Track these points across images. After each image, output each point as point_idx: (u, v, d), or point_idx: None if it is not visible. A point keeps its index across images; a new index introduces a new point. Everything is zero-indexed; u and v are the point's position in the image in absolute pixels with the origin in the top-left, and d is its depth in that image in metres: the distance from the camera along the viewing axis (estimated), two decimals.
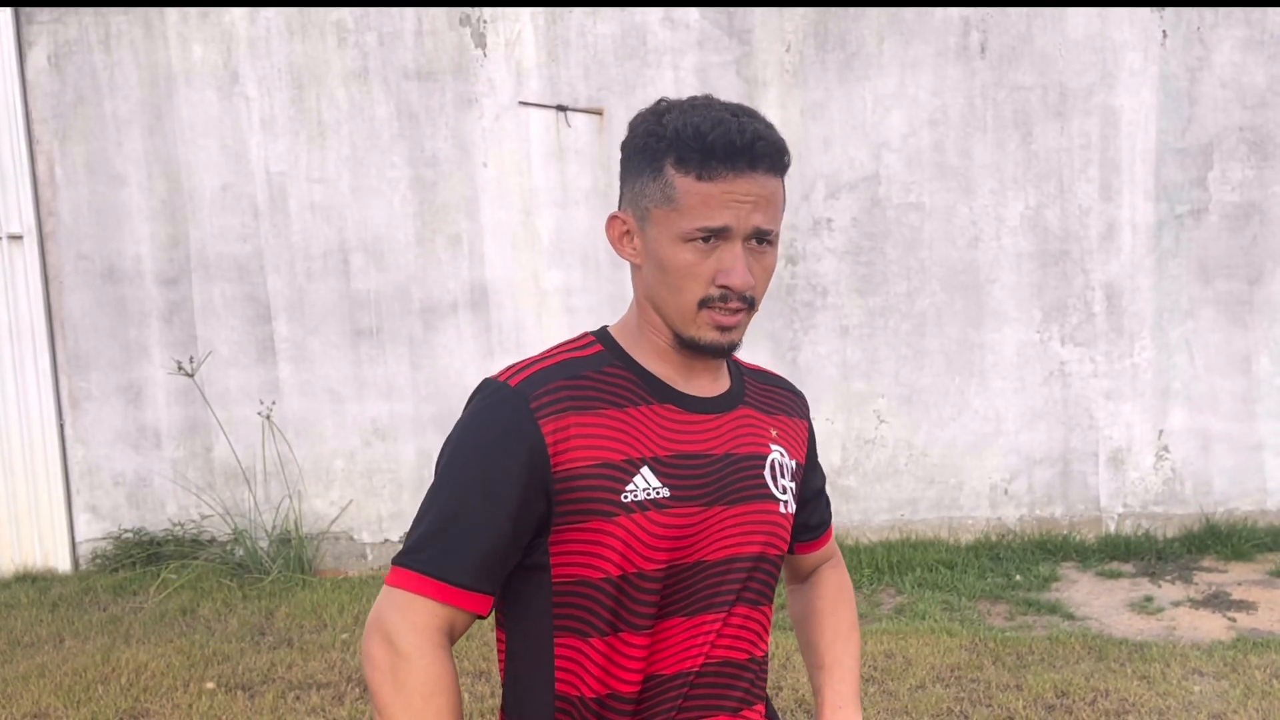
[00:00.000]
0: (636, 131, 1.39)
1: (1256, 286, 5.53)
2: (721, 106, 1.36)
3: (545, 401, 1.36)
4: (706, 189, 1.32)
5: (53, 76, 5.93)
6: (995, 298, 5.65)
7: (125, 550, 6.01)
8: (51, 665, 4.59)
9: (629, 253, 1.42)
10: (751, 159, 1.33)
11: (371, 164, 5.84)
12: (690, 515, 1.39)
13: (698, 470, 1.41)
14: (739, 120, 1.34)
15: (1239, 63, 5.41)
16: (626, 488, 1.36)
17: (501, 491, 1.33)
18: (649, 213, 1.37)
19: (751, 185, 1.33)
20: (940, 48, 5.54)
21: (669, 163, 1.34)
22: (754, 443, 1.49)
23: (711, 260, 1.35)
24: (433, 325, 5.90)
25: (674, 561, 1.40)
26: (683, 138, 1.33)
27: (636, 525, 1.36)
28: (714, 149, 1.32)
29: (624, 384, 1.42)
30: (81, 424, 6.13)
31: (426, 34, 5.75)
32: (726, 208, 1.33)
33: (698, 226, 1.33)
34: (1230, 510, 5.64)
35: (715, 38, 5.63)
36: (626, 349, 1.45)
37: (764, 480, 1.47)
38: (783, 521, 1.49)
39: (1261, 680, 3.97)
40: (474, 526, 1.34)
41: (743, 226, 1.34)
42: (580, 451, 1.35)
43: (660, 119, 1.37)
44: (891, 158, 5.62)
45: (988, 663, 4.20)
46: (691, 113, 1.35)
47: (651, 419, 1.41)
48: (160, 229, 5.98)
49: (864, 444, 5.79)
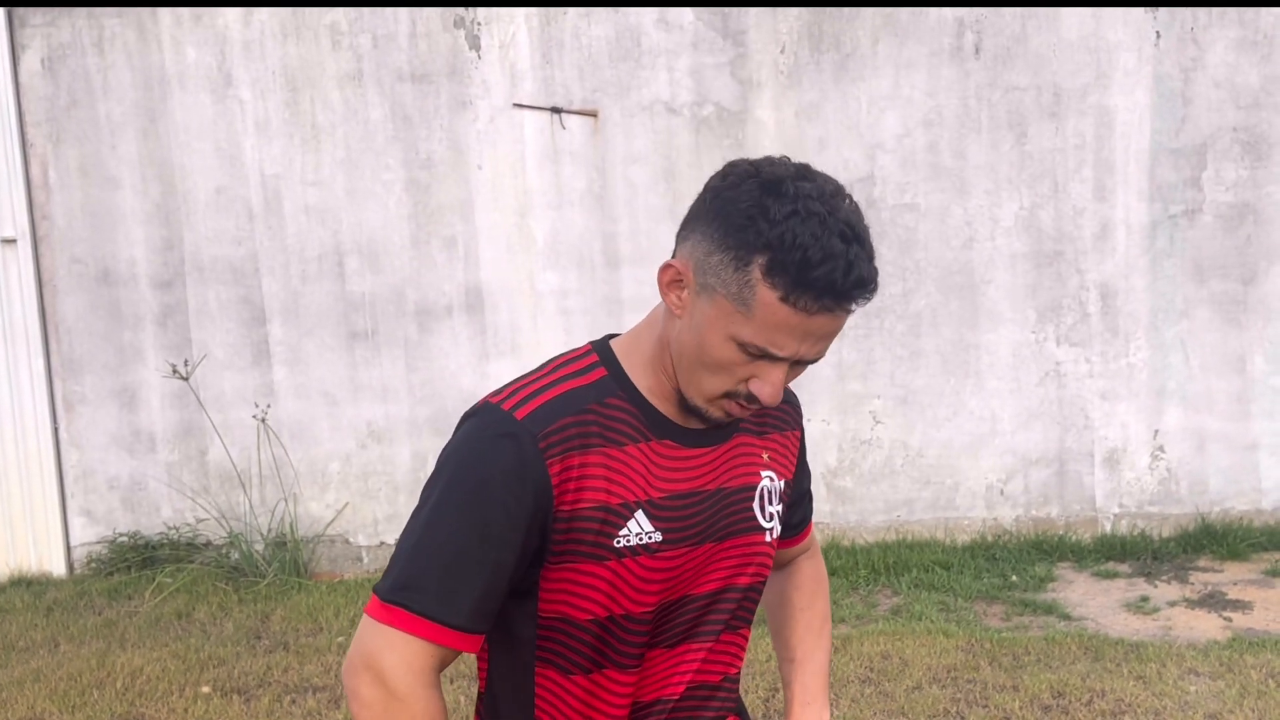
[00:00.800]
0: (735, 200, 1.24)
1: (1251, 286, 5.53)
2: (835, 225, 1.21)
3: (554, 441, 1.31)
4: (787, 316, 1.22)
5: (46, 79, 5.92)
6: (990, 298, 5.65)
7: (120, 554, 6.00)
8: (46, 670, 4.58)
9: (673, 301, 1.32)
10: (846, 303, 1.23)
11: (366, 166, 5.83)
12: (679, 556, 1.38)
13: (691, 510, 1.39)
14: (849, 254, 1.21)
15: (1232, 63, 5.42)
16: (620, 532, 1.33)
17: (505, 534, 1.30)
18: (714, 292, 1.26)
19: (833, 324, 1.25)
20: (934, 48, 5.54)
21: (759, 265, 1.21)
22: (746, 473, 1.46)
23: (751, 367, 1.28)
24: (428, 328, 5.89)
25: (663, 601, 1.39)
26: (784, 256, 1.20)
27: (626, 570, 1.34)
28: (815, 286, 1.20)
29: (625, 418, 1.37)
30: (76, 427, 6.11)
31: (420, 36, 5.74)
32: (794, 339, 1.25)
33: (759, 344, 1.25)
34: (1226, 510, 5.65)
35: (710, 39, 5.63)
36: (630, 374, 1.39)
37: (752, 513, 1.45)
38: (768, 550, 1.48)
39: (1257, 680, 3.97)
40: (474, 568, 1.30)
41: (799, 354, 1.27)
42: (581, 493, 1.32)
43: (767, 204, 1.22)
44: (886, 159, 5.62)
45: (984, 663, 4.21)
46: (806, 222, 1.20)
47: (649, 458, 1.37)
48: (154, 232, 5.97)
49: (860, 445, 5.79)
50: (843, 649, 4.39)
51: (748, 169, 1.27)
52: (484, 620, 1.33)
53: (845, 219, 1.22)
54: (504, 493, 1.29)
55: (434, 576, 1.29)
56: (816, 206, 1.21)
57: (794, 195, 1.22)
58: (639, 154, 5.65)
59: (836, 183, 1.28)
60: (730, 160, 1.31)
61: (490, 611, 1.33)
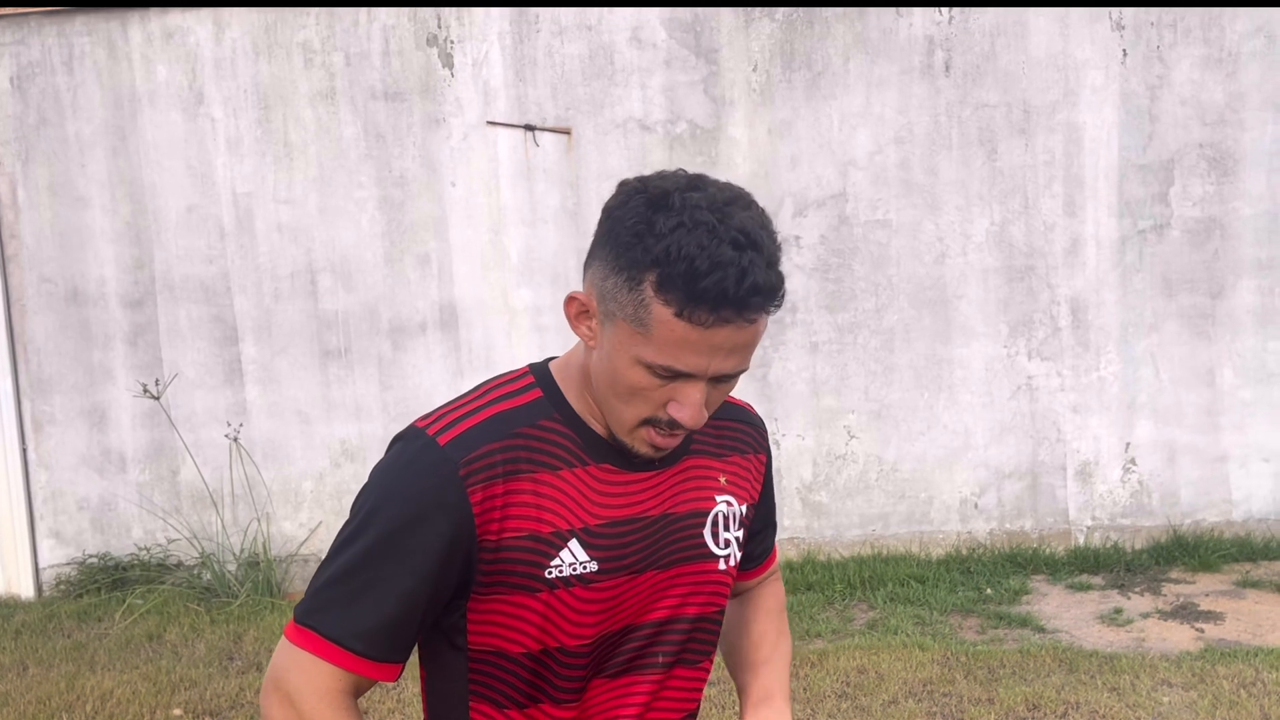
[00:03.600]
0: (623, 219, 1.20)
1: (1218, 300, 5.60)
2: (726, 230, 1.16)
3: (476, 468, 1.26)
4: (686, 332, 1.17)
5: (15, 98, 5.88)
6: (962, 313, 5.69)
7: (90, 576, 5.93)
8: (15, 693, 4.51)
9: (584, 334, 1.28)
10: (744, 312, 1.17)
11: (339, 184, 5.82)
12: (617, 585, 1.32)
13: (630, 537, 1.33)
14: (740, 262, 1.15)
15: (1198, 80, 5.50)
16: (551, 563, 1.28)
17: (419, 562, 1.25)
18: (614, 317, 1.21)
19: (736, 335, 1.19)
20: (905, 66, 5.59)
21: (650, 282, 1.17)
22: (697, 498, 1.39)
23: (667, 389, 1.23)
24: (402, 345, 5.87)
25: (603, 632, 1.33)
26: (673, 268, 1.15)
27: (560, 602, 1.29)
28: (705, 297, 1.15)
29: (560, 442, 1.31)
30: (45, 448, 6.05)
31: (394, 54, 5.74)
32: (700, 355, 1.19)
33: (662, 364, 1.19)
34: (1197, 522, 5.69)
35: (683, 57, 5.66)
36: (568, 396, 1.34)
37: (702, 539, 1.39)
38: (721, 578, 1.42)
39: (1229, 690, 4.00)
40: (385, 595, 1.26)
41: (711, 370, 1.21)
42: (509, 521, 1.27)
43: (653, 221, 1.17)
44: (858, 175, 5.66)
45: (960, 677, 4.22)
46: (692, 233, 1.15)
47: (586, 483, 1.31)
48: (125, 251, 5.93)
49: (835, 460, 5.81)
50: (818, 664, 4.39)
51: (635, 185, 1.23)
52: (394, 649, 1.28)
53: (739, 226, 1.17)
54: (420, 521, 1.25)
55: (346, 602, 1.26)
56: (704, 216, 1.16)
57: (680, 207, 1.17)
58: (613, 171, 5.66)
59: (736, 190, 1.23)
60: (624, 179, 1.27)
61: (402, 641, 1.29)
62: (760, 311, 1.19)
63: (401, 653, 1.29)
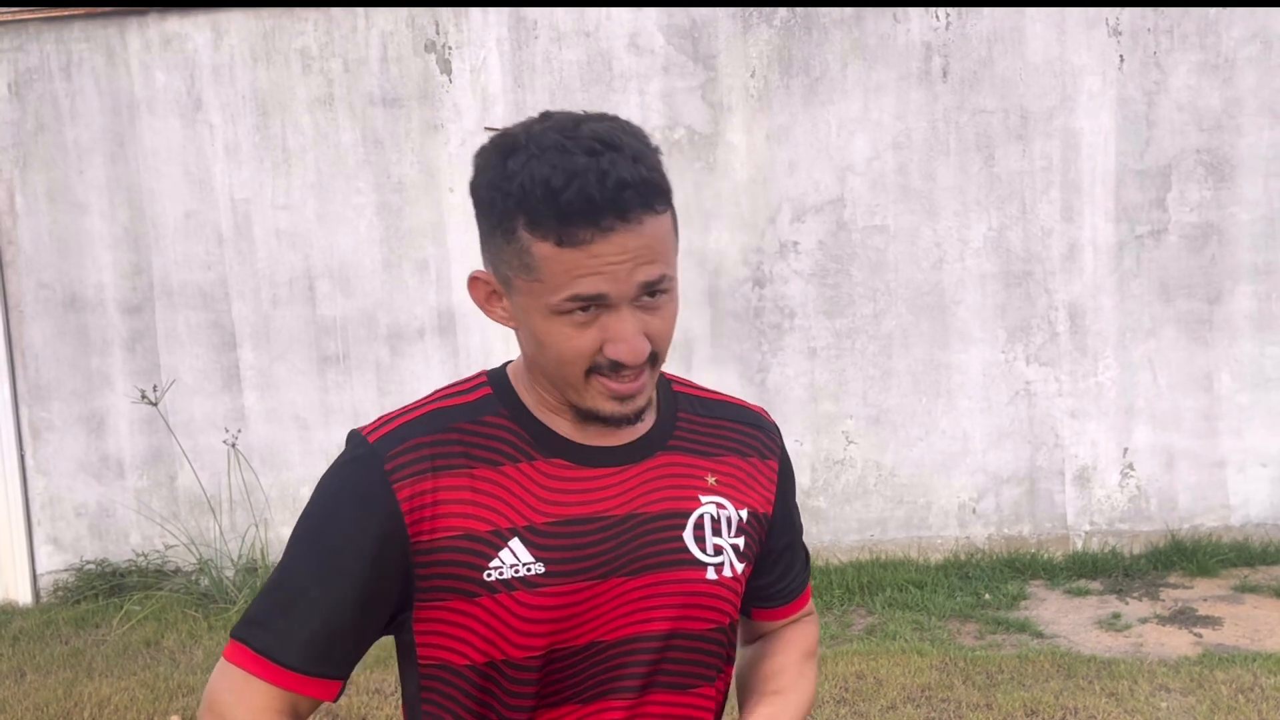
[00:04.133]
0: (479, 179, 1.14)
1: (1216, 305, 5.60)
2: (578, 140, 1.08)
3: (402, 462, 1.17)
4: (570, 256, 1.08)
5: (13, 104, 5.88)
6: (960, 318, 5.70)
7: (88, 582, 5.92)
8: (13, 700, 4.50)
9: (499, 316, 1.20)
10: (621, 211, 1.07)
11: (337, 190, 5.82)
12: (574, 592, 1.18)
13: (587, 538, 1.19)
14: (599, 163, 1.06)
15: (1195, 86, 5.51)
16: (490, 564, 1.17)
17: (346, 567, 1.17)
18: (510, 279, 1.14)
19: (627, 240, 1.08)
20: (903, 72, 5.60)
21: (521, 225, 1.09)
22: (674, 497, 1.25)
23: (594, 330, 1.12)
24: (400, 351, 5.87)
25: (556, 646, 1.19)
26: (531, 197, 1.07)
27: (501, 607, 1.17)
28: (571, 211, 1.06)
29: (504, 436, 1.21)
30: (43, 454, 6.04)
31: (392, 60, 5.75)
32: (599, 274, 1.09)
33: (566, 297, 1.10)
34: (1195, 527, 5.70)
35: (680, 63, 5.66)
36: (520, 393, 1.24)
37: (682, 543, 1.24)
38: (711, 589, 1.25)
39: (1228, 695, 4.00)
40: (313, 606, 1.17)
41: (625, 289, 1.10)
42: (442, 520, 1.17)
43: (505, 164, 1.10)
44: (856, 181, 5.66)
45: (958, 682, 4.22)
46: (541, 158, 1.07)
47: (532, 478, 1.20)
48: (123, 257, 5.93)
49: (833, 465, 5.81)
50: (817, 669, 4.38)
51: (485, 145, 1.15)
52: (330, 664, 1.19)
53: (591, 134, 1.09)
54: (347, 522, 1.17)
55: (276, 613, 1.19)
56: (552, 138, 1.08)
57: (527, 142, 1.10)
58: None
59: (592, 113, 1.14)
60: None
61: (339, 654, 1.20)
62: (643, 209, 1.09)
63: (338, 667, 1.20)
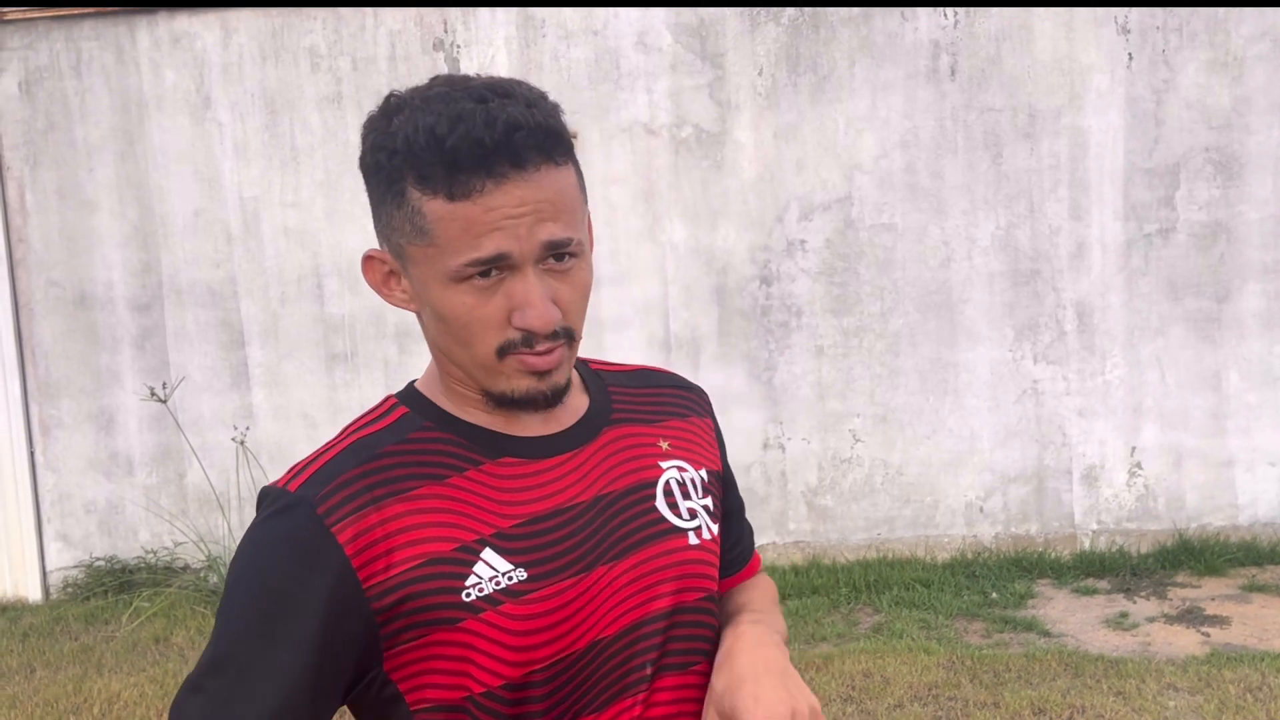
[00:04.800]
0: (365, 143, 1.05)
1: (1225, 304, 5.59)
2: (466, 90, 1.00)
3: (335, 502, 1.04)
4: (464, 211, 0.98)
5: (23, 103, 5.90)
6: (968, 317, 5.69)
7: (97, 579, 5.95)
8: (23, 696, 4.53)
9: (399, 299, 1.12)
10: (514, 156, 0.98)
11: (346, 188, 5.83)
12: (562, 592, 1.07)
13: (558, 532, 1.09)
14: (486, 108, 0.98)
15: (1204, 84, 5.50)
16: (467, 582, 1.04)
17: (295, 632, 1.02)
18: (404, 250, 1.05)
19: (524, 190, 0.98)
20: (910, 70, 5.60)
21: (410, 183, 1.00)
22: (635, 469, 1.16)
23: (498, 298, 1.02)
24: (408, 349, 5.88)
25: (557, 655, 1.08)
26: (416, 148, 0.99)
27: (489, 626, 1.04)
28: (459, 156, 0.97)
29: (439, 449, 1.09)
30: (52, 451, 6.07)
31: (400, 59, 5.76)
32: (497, 229, 0.99)
33: (464, 261, 1.00)
34: (1203, 526, 5.69)
35: (688, 61, 5.67)
36: (439, 402, 1.14)
37: (657, 513, 1.15)
38: (697, 555, 1.17)
39: (1235, 694, 3.99)
40: (264, 684, 1.02)
41: (527, 247, 1.00)
42: (398, 553, 1.03)
43: (389, 122, 1.02)
44: (864, 179, 5.66)
45: (965, 681, 4.21)
46: (425, 109, 1.00)
47: (485, 483, 1.08)
48: (132, 255, 5.95)
49: (840, 463, 5.81)
50: (824, 667, 4.39)
51: (371, 112, 1.07)
52: None
53: (482, 84, 1.01)
54: (287, 581, 1.02)
55: (218, 700, 1.03)
56: (438, 90, 1.01)
57: (411, 97, 1.03)
58: (618, 175, 5.67)
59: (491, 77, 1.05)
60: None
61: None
62: (539, 154, 0.99)
63: None
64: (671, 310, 5.76)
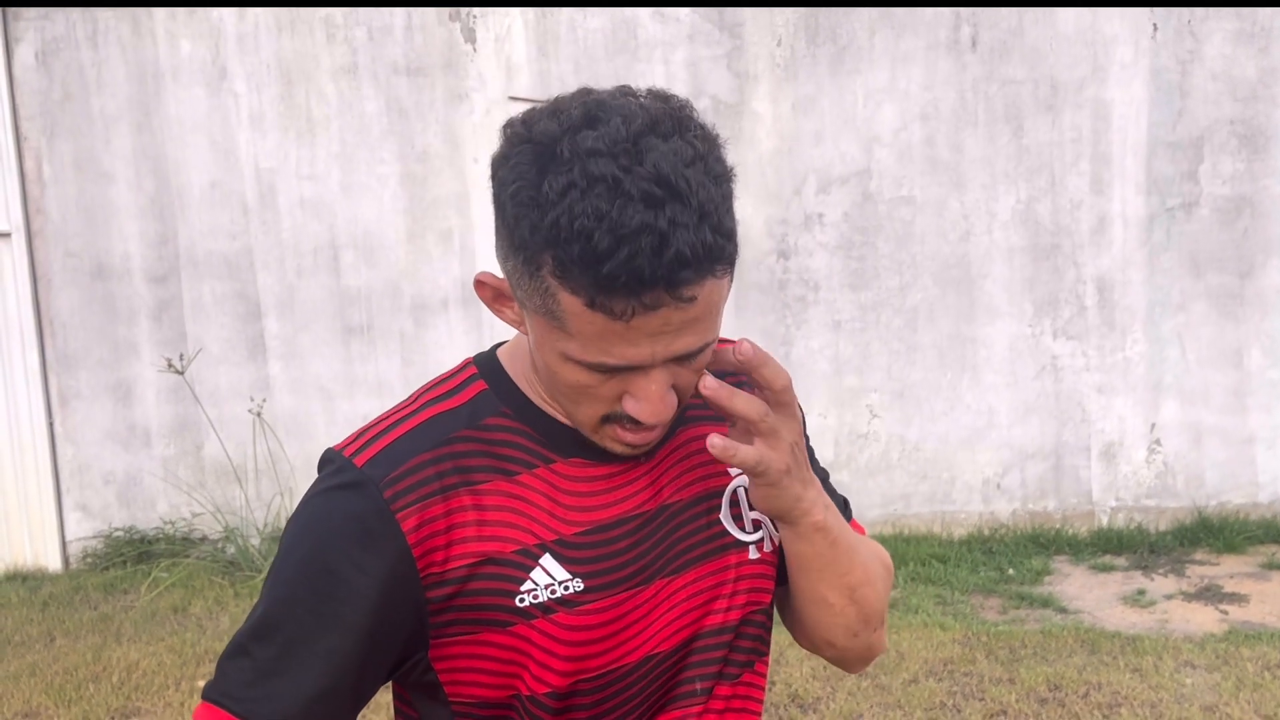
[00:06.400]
0: (507, 182, 0.92)
1: (1247, 280, 5.53)
2: (636, 185, 0.86)
3: (404, 488, 1.01)
4: (605, 324, 0.90)
5: (40, 73, 5.89)
6: (987, 292, 5.65)
7: (116, 549, 5.99)
8: (42, 664, 4.57)
9: (509, 318, 1.03)
10: (674, 288, 0.88)
11: (361, 160, 5.81)
12: (617, 604, 1.05)
13: (623, 542, 1.06)
14: (656, 225, 0.86)
15: (1230, 55, 5.41)
16: (522, 588, 1.02)
17: (345, 616, 1.00)
18: (526, 306, 0.97)
19: (675, 314, 0.90)
20: (931, 41, 5.53)
21: (548, 267, 0.90)
22: (704, 476, 1.12)
23: (614, 383, 0.97)
24: (424, 322, 5.88)
25: (612, 665, 1.07)
26: (568, 250, 0.87)
27: (541, 634, 1.03)
28: (614, 282, 0.87)
29: (513, 440, 1.05)
30: (71, 423, 6.10)
31: (416, 29, 5.72)
32: (635, 346, 0.92)
33: (591, 361, 0.94)
34: (1222, 503, 5.65)
35: (706, 31, 5.61)
36: (520, 384, 1.08)
37: (721, 527, 1.11)
38: (759, 569, 1.14)
39: (1253, 672, 3.97)
40: (305, 665, 1.01)
41: (660, 358, 0.94)
42: (457, 547, 1.01)
43: (540, 182, 0.88)
44: (883, 152, 5.61)
45: (980, 656, 4.20)
46: (587, 196, 0.86)
47: (554, 485, 1.05)
48: (149, 226, 5.95)
49: (857, 439, 5.79)
50: None
51: (520, 131, 0.93)
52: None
53: (654, 169, 0.87)
54: (344, 564, 1.00)
55: (260, 674, 1.01)
56: (603, 167, 0.87)
57: (570, 158, 0.88)
58: None
59: (655, 111, 0.92)
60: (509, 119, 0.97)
61: (336, 714, 1.03)
62: (700, 281, 0.90)
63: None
64: None
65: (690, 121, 0.92)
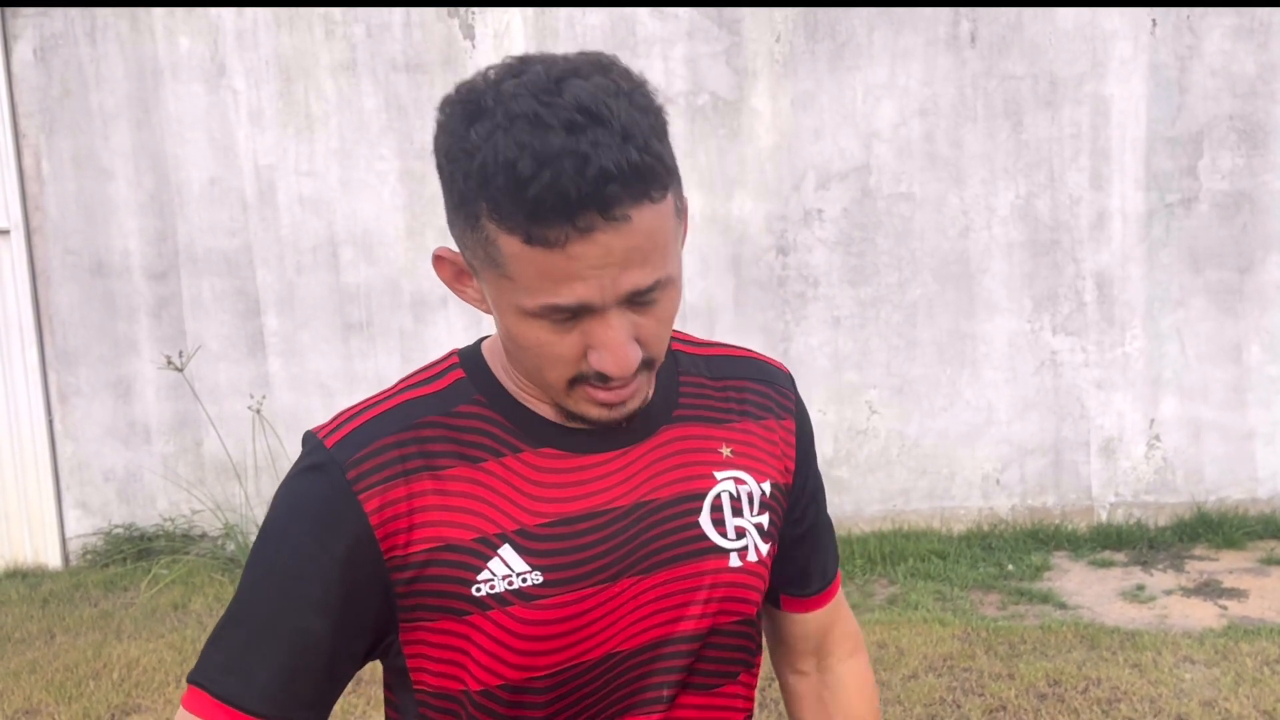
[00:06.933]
0: (443, 142, 0.93)
1: (1247, 275, 5.53)
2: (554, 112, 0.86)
3: (367, 469, 1.01)
4: (544, 260, 0.89)
5: (39, 70, 5.89)
6: (986, 287, 5.65)
7: (116, 546, 5.99)
8: (42, 661, 4.57)
9: (471, 297, 1.02)
10: (604, 207, 0.87)
11: (360, 156, 5.81)
12: (579, 601, 1.02)
13: (589, 537, 1.03)
14: (578, 143, 0.85)
15: (1229, 51, 5.41)
16: (479, 577, 1.01)
17: (311, 595, 1.00)
18: (477, 269, 0.96)
19: (612, 239, 0.88)
20: (930, 37, 5.53)
21: (484, 212, 0.89)
22: (686, 477, 1.09)
23: (575, 335, 0.95)
24: (423, 318, 5.88)
25: (566, 663, 1.04)
26: (493, 183, 0.87)
27: (495, 625, 1.01)
28: (541, 208, 0.86)
29: (483, 428, 1.05)
30: (71, 420, 6.10)
31: (415, 25, 5.72)
32: (579, 279, 0.90)
33: (541, 305, 0.92)
34: (1222, 499, 5.65)
35: (705, 28, 5.61)
36: (498, 375, 1.08)
37: (699, 530, 1.08)
38: (739, 578, 1.10)
39: (1252, 667, 3.98)
40: (277, 642, 1.01)
41: (610, 296, 0.92)
42: (420, 531, 1.01)
43: (467, 130, 0.89)
44: (882, 148, 5.61)
45: (980, 652, 4.21)
46: (509, 131, 0.86)
47: (520, 474, 1.03)
48: (148, 223, 5.95)
49: (856, 435, 5.79)
50: None
51: (449, 96, 0.94)
52: (300, 705, 1.03)
53: (574, 100, 0.86)
54: (308, 543, 1.01)
55: (236, 653, 1.03)
56: (525, 104, 0.87)
57: (494, 104, 0.88)
58: None
59: (578, 59, 0.92)
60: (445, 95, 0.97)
61: (310, 695, 1.03)
62: (632, 203, 0.87)
63: (312, 709, 1.04)
64: (687, 280, 5.73)
65: (615, 66, 0.92)
